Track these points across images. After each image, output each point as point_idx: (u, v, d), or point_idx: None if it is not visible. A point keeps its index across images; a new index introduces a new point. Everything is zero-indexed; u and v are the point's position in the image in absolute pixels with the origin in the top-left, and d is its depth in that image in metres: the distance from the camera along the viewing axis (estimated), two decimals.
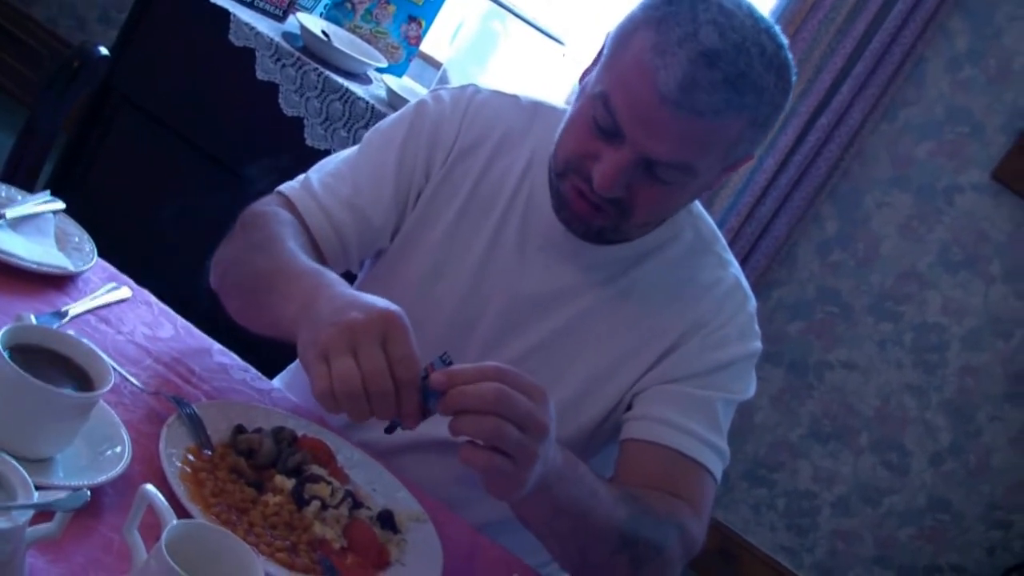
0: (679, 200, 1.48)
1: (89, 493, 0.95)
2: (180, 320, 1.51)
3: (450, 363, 1.17)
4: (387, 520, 1.29)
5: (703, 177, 1.41)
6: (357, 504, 1.27)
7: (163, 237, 2.93)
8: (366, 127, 2.76)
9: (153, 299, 1.52)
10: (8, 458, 0.93)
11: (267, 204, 1.53)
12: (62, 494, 0.94)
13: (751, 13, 1.35)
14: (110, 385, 1.11)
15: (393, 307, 1.17)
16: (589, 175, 1.39)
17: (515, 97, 1.63)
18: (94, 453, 1.14)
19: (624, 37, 1.37)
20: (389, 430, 1.21)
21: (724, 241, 1.60)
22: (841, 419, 3.58)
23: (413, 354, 1.15)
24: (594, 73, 1.42)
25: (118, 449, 1.15)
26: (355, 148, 1.62)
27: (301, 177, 1.59)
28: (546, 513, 1.29)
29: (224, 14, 2.80)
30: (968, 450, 3.50)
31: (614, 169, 1.36)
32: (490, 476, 1.16)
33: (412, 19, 3.11)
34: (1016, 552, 3.53)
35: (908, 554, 3.60)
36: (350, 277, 1.68)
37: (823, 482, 3.62)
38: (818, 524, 3.65)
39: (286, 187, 1.57)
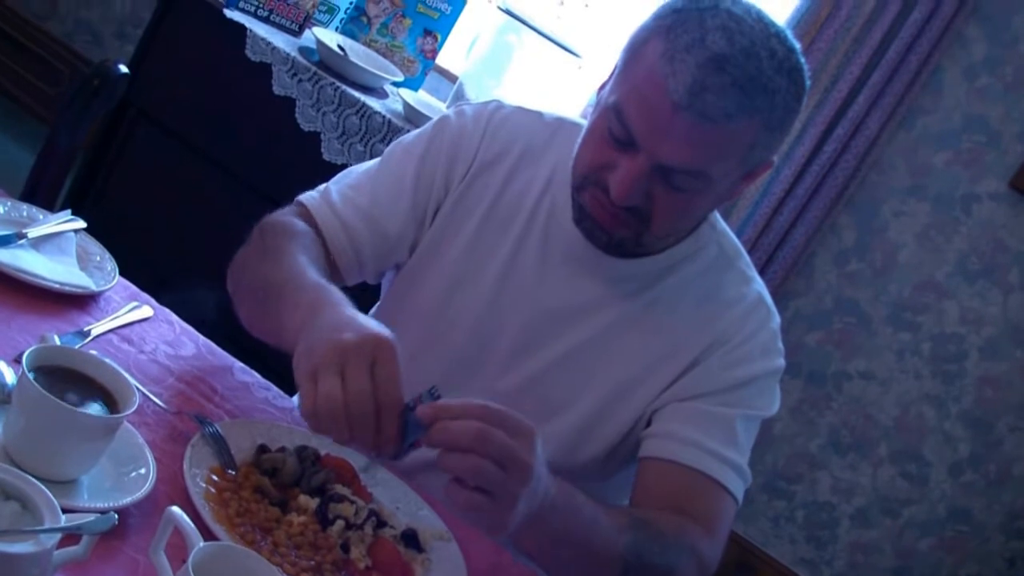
0: (698, 209, 1.48)
1: (116, 516, 0.95)
2: (201, 338, 1.51)
3: (438, 397, 1.17)
4: (411, 539, 1.29)
5: (721, 184, 1.41)
6: (381, 523, 1.27)
7: (180, 252, 2.94)
8: (383, 141, 2.77)
9: (174, 318, 1.52)
10: (35, 480, 0.93)
11: (285, 213, 1.55)
12: (90, 517, 0.94)
13: (760, 18, 1.35)
14: (135, 406, 1.11)
15: (385, 332, 1.18)
16: (606, 185, 1.40)
17: (538, 113, 1.63)
18: (119, 474, 1.14)
19: (635, 48, 1.39)
20: (364, 468, 1.24)
21: (748, 257, 1.60)
22: (860, 430, 3.56)
23: (396, 379, 1.15)
24: (609, 85, 1.42)
25: (143, 470, 1.15)
26: (376, 161, 1.64)
27: (321, 187, 1.60)
28: (543, 544, 1.29)
29: (240, 29, 2.81)
30: (988, 460, 3.48)
31: (630, 178, 1.37)
32: (471, 515, 1.16)
33: (428, 33, 3.12)
34: None
35: (928, 565, 3.57)
36: (374, 290, 1.68)
37: (842, 493, 3.61)
38: (837, 536, 3.63)
39: (305, 196, 1.58)
